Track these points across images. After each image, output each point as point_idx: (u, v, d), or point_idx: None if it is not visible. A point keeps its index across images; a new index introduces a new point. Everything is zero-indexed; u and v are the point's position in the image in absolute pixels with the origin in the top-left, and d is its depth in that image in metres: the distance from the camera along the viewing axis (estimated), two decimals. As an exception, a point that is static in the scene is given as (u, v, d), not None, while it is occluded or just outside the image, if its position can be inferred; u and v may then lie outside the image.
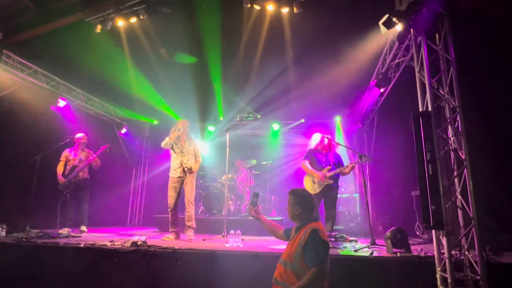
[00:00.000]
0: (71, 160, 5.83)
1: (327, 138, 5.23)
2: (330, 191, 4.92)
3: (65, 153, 5.88)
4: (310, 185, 4.98)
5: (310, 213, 2.46)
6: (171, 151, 5.28)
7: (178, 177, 5.11)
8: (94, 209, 6.25)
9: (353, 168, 4.98)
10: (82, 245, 3.89)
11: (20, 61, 5.63)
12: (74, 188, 5.73)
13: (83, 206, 5.80)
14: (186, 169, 5.10)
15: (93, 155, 5.88)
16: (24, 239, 4.19)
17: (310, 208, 2.47)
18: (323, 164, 5.03)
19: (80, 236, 4.85)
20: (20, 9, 5.40)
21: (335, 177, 4.96)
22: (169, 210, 5.12)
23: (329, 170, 4.90)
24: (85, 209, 5.81)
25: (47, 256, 3.85)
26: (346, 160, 5.63)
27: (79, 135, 5.96)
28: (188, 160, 5.15)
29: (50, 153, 5.46)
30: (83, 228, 5.66)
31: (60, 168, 5.73)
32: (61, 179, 5.65)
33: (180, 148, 5.20)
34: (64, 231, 5.14)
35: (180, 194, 5.19)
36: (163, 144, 5.19)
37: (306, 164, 5.04)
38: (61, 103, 6.32)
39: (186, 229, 5.00)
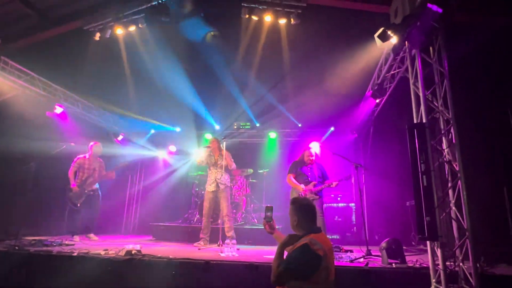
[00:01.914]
0: (85, 169, 5.87)
1: (314, 151, 5.34)
2: (320, 203, 4.95)
3: (79, 160, 5.92)
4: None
5: (310, 223, 2.35)
6: (207, 167, 5.68)
7: (213, 191, 5.49)
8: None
9: (347, 179, 5.06)
10: (75, 254, 3.84)
11: (18, 67, 5.63)
12: (87, 198, 5.79)
13: (94, 216, 5.90)
14: (220, 185, 5.43)
15: (112, 173, 6.02)
16: (16, 247, 4.14)
17: (310, 218, 2.37)
18: (309, 178, 5.09)
19: (73, 244, 4.80)
20: (19, 16, 5.45)
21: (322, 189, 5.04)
22: (203, 218, 5.56)
23: (315, 186, 4.97)
24: (95, 218, 5.93)
25: (40, 265, 3.80)
26: (339, 170, 5.70)
27: (91, 143, 6.05)
28: (222, 175, 5.48)
29: (45, 160, 5.43)
30: (93, 236, 5.77)
31: (72, 175, 5.78)
32: (75, 188, 5.69)
33: (214, 165, 5.56)
34: (76, 239, 5.41)
35: (214, 205, 5.58)
36: (197, 162, 5.70)
37: (291, 179, 5.15)
38: (58, 110, 6.30)
39: (226, 240, 5.14)
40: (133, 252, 3.77)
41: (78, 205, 5.68)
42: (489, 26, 4.09)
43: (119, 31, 5.59)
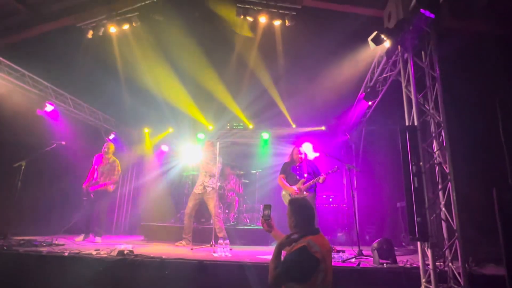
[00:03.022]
0: (95, 169, 5.88)
1: (301, 150, 5.33)
2: (312, 199, 4.97)
3: (94, 159, 5.94)
4: (287, 198, 5.13)
5: (307, 225, 2.32)
6: (199, 169, 5.69)
7: (199, 193, 5.51)
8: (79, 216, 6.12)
9: (334, 171, 5.04)
10: (66, 254, 3.79)
11: (7, 64, 5.51)
12: (95, 197, 5.69)
13: (99, 217, 5.74)
14: (207, 188, 5.45)
15: (104, 185, 5.74)
16: (5, 247, 4.04)
17: (308, 219, 2.34)
18: (298, 176, 5.13)
19: (63, 245, 4.72)
20: (9, 11, 5.31)
21: (311, 187, 5.06)
22: (184, 217, 5.55)
23: (304, 183, 5.01)
24: (99, 219, 5.73)
25: (29, 266, 3.73)
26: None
27: (104, 144, 6.01)
28: (210, 179, 5.49)
29: (35, 158, 5.34)
30: (98, 239, 5.56)
31: (90, 174, 5.83)
32: (84, 185, 5.72)
33: (204, 168, 5.59)
34: (80, 238, 5.46)
35: (197, 207, 5.60)
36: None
37: (282, 180, 5.20)
38: (49, 108, 6.21)
39: (218, 240, 5.07)
40: (125, 252, 3.73)
41: (85, 203, 5.70)
42: (480, 33, 4.19)
43: (113, 29, 5.52)
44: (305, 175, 5.09)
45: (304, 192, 4.99)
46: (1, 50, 5.42)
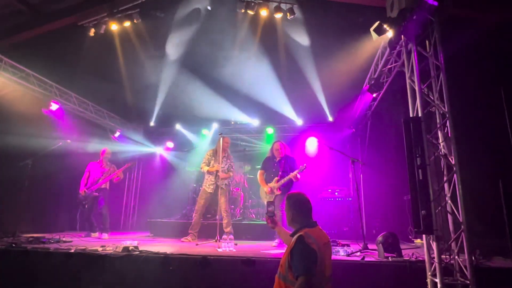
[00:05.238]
0: (94, 173, 6.05)
1: (281, 145, 5.20)
2: (281, 198, 4.84)
3: (89, 166, 6.12)
4: (264, 195, 5.15)
5: (305, 218, 2.34)
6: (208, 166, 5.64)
7: (210, 192, 5.47)
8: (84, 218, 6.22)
9: (301, 171, 4.84)
10: (72, 251, 3.84)
11: (12, 64, 5.56)
12: (93, 198, 5.92)
13: (102, 214, 5.94)
14: (220, 186, 5.37)
15: (116, 173, 6.06)
16: (14, 244, 4.13)
17: (305, 213, 2.36)
18: (273, 174, 5.07)
19: (71, 241, 4.80)
20: (11, 11, 5.37)
21: (287, 184, 4.93)
22: (194, 213, 5.59)
23: (277, 181, 4.94)
24: (103, 216, 5.94)
25: (37, 262, 3.79)
26: (337, 165, 5.68)
27: (103, 149, 6.24)
28: (221, 177, 5.40)
29: (42, 157, 5.41)
30: (104, 236, 5.77)
31: (83, 181, 6.00)
32: (82, 190, 5.90)
33: (215, 166, 5.48)
34: (95, 235, 5.78)
35: (208, 204, 5.62)
36: (202, 167, 5.60)
37: (260, 176, 5.22)
38: (54, 107, 6.26)
39: (223, 235, 5.15)
40: (130, 249, 3.76)
41: (86, 206, 5.88)
42: (484, 21, 4.07)
43: (114, 26, 5.53)
44: (280, 173, 4.97)
45: (276, 191, 4.91)
46: (5, 51, 5.47)
